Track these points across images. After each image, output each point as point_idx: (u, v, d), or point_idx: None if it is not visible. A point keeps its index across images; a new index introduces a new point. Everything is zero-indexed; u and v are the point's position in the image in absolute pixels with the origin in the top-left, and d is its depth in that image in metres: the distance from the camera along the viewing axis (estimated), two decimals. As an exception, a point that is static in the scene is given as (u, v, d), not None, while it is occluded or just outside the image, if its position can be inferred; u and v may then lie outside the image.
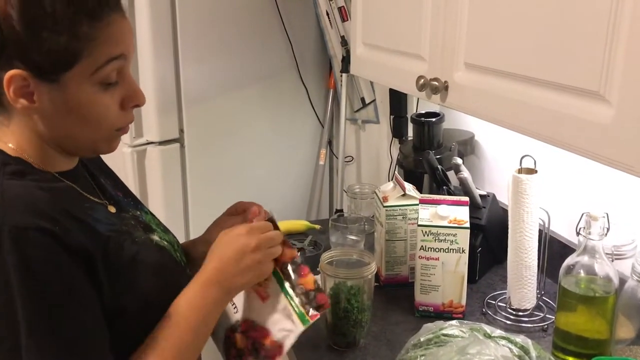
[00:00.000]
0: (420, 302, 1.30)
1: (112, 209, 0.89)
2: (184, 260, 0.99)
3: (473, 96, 1.07)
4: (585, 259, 1.08)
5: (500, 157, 1.68)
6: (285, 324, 0.93)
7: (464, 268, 1.26)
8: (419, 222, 1.27)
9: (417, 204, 1.33)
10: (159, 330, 0.82)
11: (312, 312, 0.91)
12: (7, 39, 0.72)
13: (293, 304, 0.92)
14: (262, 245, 0.89)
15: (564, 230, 1.42)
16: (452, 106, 1.14)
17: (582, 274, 1.09)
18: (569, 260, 1.11)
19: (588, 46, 0.80)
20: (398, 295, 1.40)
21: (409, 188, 1.42)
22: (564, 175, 1.42)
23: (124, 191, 1.00)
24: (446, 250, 1.25)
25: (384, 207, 1.39)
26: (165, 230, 0.99)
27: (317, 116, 2.27)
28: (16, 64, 0.74)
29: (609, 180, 1.29)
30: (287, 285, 0.93)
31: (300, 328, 0.91)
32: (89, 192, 0.87)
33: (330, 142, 2.31)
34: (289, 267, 0.93)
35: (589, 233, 1.06)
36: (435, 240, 1.25)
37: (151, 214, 1.01)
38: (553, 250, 1.34)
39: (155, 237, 0.93)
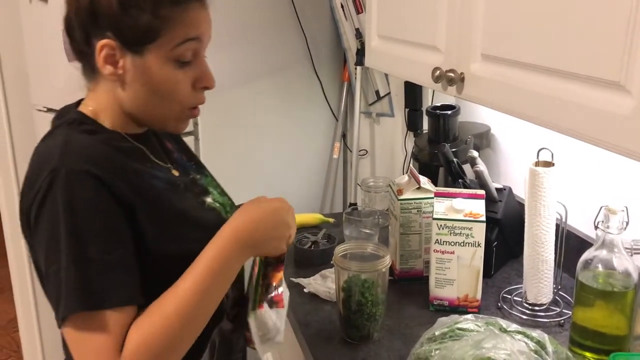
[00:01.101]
0: (435, 296, 1.29)
1: (176, 173, 0.99)
2: None
3: (490, 88, 1.06)
4: (603, 253, 1.06)
5: (517, 150, 1.66)
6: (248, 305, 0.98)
7: (479, 262, 1.25)
8: (434, 216, 1.25)
9: (432, 197, 1.32)
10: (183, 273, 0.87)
11: (265, 305, 0.95)
12: (103, 13, 0.84)
13: (258, 291, 0.97)
14: (291, 221, 0.96)
15: (581, 225, 1.40)
16: (469, 98, 1.12)
17: (600, 268, 1.07)
18: (586, 255, 1.09)
19: (608, 35, 0.78)
20: (412, 289, 1.39)
21: (424, 181, 1.40)
22: (582, 168, 1.40)
23: (189, 155, 1.10)
24: (461, 244, 1.24)
25: (399, 200, 1.38)
26: (222, 193, 1.07)
27: (331, 109, 2.26)
28: (108, 34, 0.85)
29: (629, 174, 1.27)
30: (263, 272, 0.98)
31: (249, 316, 0.96)
32: (155, 155, 0.96)
33: (344, 136, 2.30)
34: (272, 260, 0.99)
35: (608, 227, 1.04)
36: (450, 233, 1.24)
37: (211, 176, 1.10)
38: (570, 245, 1.32)
39: (209, 199, 1.01)
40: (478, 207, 1.25)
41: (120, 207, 0.83)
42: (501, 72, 1.02)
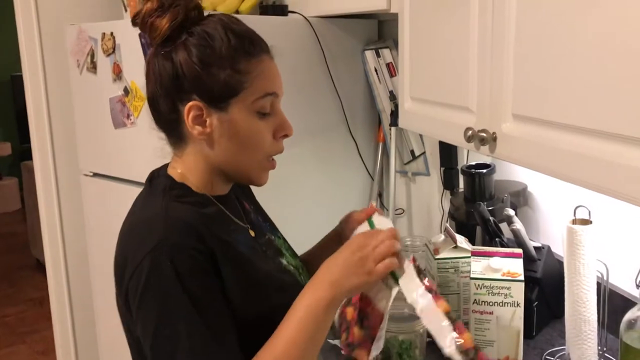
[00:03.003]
0: (475, 357, 1.26)
1: (252, 233, 1.03)
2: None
3: (522, 147, 1.07)
4: (647, 313, 1.04)
5: (555, 208, 1.64)
6: (384, 292, 0.96)
7: (519, 323, 1.23)
8: (472, 275, 1.25)
9: (469, 257, 1.32)
10: (276, 331, 0.89)
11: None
12: (187, 76, 0.92)
13: None
14: (373, 251, 0.92)
15: (625, 283, 1.37)
16: (502, 157, 1.13)
17: (645, 328, 1.04)
18: (630, 315, 1.06)
19: (637, 92, 0.79)
20: (452, 350, 1.36)
21: (461, 240, 1.40)
22: (621, 225, 1.38)
23: (264, 216, 1.15)
24: (500, 304, 1.22)
25: (435, 259, 1.38)
26: (294, 255, 1.12)
27: (367, 169, 2.29)
28: (193, 97, 0.92)
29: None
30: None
31: (394, 289, 0.94)
32: (236, 216, 1.01)
33: (380, 195, 2.32)
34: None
35: (650, 285, 1.02)
36: (488, 293, 1.23)
37: (283, 238, 1.14)
38: (614, 304, 1.29)
39: (284, 261, 1.05)
40: (516, 266, 1.24)
41: (215, 276, 0.88)
42: (533, 132, 1.03)
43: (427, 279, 0.98)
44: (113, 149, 2.10)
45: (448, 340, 0.92)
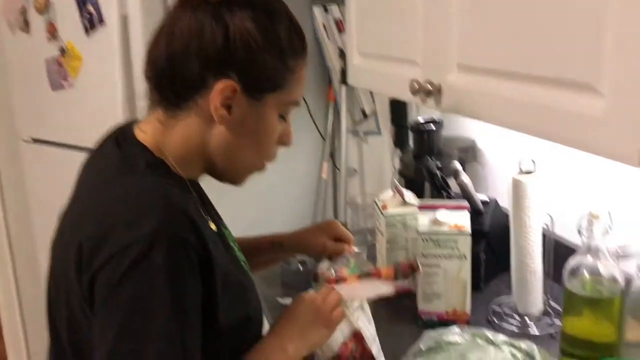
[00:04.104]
0: (423, 311, 1.27)
1: (213, 226, 0.88)
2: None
3: (467, 98, 1.05)
4: (589, 259, 1.05)
5: (502, 162, 1.65)
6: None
7: (466, 275, 1.23)
8: (419, 229, 1.24)
9: (417, 212, 1.31)
10: None
11: None
12: (236, 54, 0.79)
13: None
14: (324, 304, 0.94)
15: (569, 234, 1.39)
16: (447, 109, 1.12)
17: (587, 275, 1.05)
18: (572, 262, 1.07)
19: (578, 36, 0.78)
20: (401, 306, 1.36)
21: (409, 196, 1.39)
22: (565, 176, 1.39)
23: (211, 205, 1.00)
24: (447, 257, 1.22)
25: (384, 215, 1.37)
26: (240, 249, 0.99)
27: (318, 130, 2.26)
28: (232, 75, 0.80)
29: (612, 180, 1.26)
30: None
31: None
32: (202, 207, 0.88)
33: (332, 155, 2.30)
34: None
35: (592, 232, 1.03)
36: (435, 247, 1.23)
37: (227, 229, 1.00)
38: (559, 254, 1.30)
39: (240, 257, 0.95)
40: (463, 219, 1.24)
41: (200, 283, 0.76)
42: (477, 82, 1.02)
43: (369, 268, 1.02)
44: (53, 112, 2.01)
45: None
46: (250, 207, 2.15)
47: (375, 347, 1.02)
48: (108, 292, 0.70)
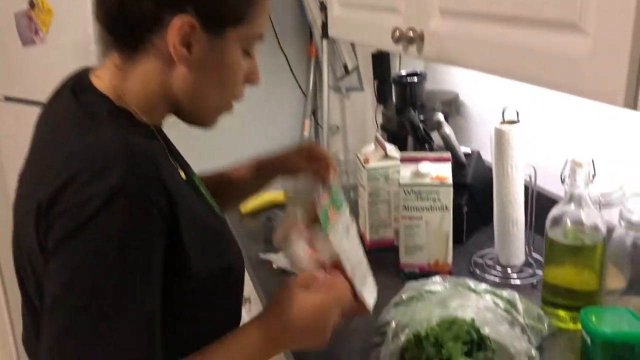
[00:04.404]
0: (406, 263, 1.26)
1: (182, 175, 0.84)
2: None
3: (449, 44, 1.02)
4: (571, 208, 1.04)
5: (485, 115, 1.63)
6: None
7: (448, 227, 1.22)
8: (401, 181, 1.22)
9: (399, 165, 1.29)
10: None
11: None
12: None
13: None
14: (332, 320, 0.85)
15: (552, 186, 1.38)
16: (430, 57, 1.09)
17: (569, 224, 1.05)
18: (555, 211, 1.07)
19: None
20: (384, 259, 1.35)
21: (391, 149, 1.37)
22: (548, 127, 1.38)
23: (178, 153, 0.95)
24: (429, 209, 1.21)
25: (365, 169, 1.35)
26: (210, 195, 0.94)
27: (300, 86, 2.22)
28: (189, 10, 0.74)
29: (595, 129, 1.25)
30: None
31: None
32: (170, 155, 0.84)
33: (314, 112, 2.26)
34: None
35: (575, 180, 1.02)
36: (417, 199, 1.21)
37: (197, 176, 0.96)
38: (541, 206, 1.30)
39: (213, 204, 0.91)
40: (445, 171, 1.22)
41: (164, 239, 0.72)
42: (459, 27, 0.99)
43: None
44: (25, 69, 1.95)
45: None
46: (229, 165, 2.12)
47: (359, 273, 0.94)
48: (61, 244, 0.67)
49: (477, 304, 0.84)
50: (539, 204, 1.27)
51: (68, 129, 0.75)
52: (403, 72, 1.64)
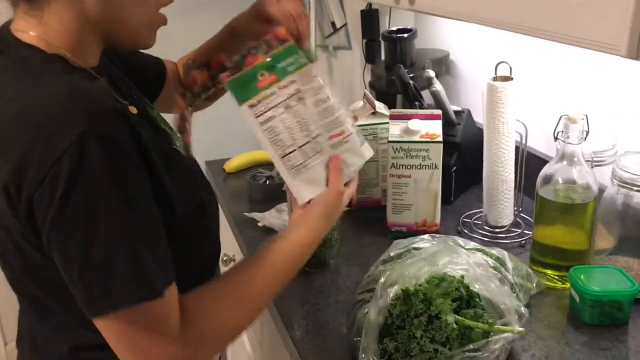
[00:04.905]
0: (393, 222, 1.24)
1: (134, 110, 0.79)
2: None
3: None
4: (563, 165, 1.02)
5: (476, 75, 1.60)
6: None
7: (437, 185, 1.20)
8: (390, 138, 1.19)
9: (388, 122, 1.26)
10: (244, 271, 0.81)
11: None
12: None
13: None
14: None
15: (542, 146, 1.36)
16: (421, 8, 1.05)
17: (561, 182, 1.03)
18: (546, 169, 1.05)
19: None
20: (371, 218, 1.34)
21: (379, 106, 1.34)
22: (541, 85, 1.35)
23: (129, 85, 0.90)
24: (418, 167, 1.19)
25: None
26: (169, 125, 0.90)
27: (287, 44, 2.16)
28: None
29: (587, 85, 1.22)
30: None
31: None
32: (116, 92, 0.78)
33: (301, 72, 2.21)
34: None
35: (568, 137, 1.00)
36: (406, 156, 1.18)
37: (154, 109, 0.91)
38: (531, 166, 1.28)
39: (173, 137, 0.87)
40: (435, 128, 1.19)
41: (148, 177, 0.71)
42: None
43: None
44: None
45: None
46: (214, 130, 2.08)
47: (310, 149, 0.87)
48: (56, 216, 0.64)
49: (467, 260, 0.82)
50: (529, 164, 1.25)
51: (6, 87, 0.70)
52: (393, 29, 1.60)
